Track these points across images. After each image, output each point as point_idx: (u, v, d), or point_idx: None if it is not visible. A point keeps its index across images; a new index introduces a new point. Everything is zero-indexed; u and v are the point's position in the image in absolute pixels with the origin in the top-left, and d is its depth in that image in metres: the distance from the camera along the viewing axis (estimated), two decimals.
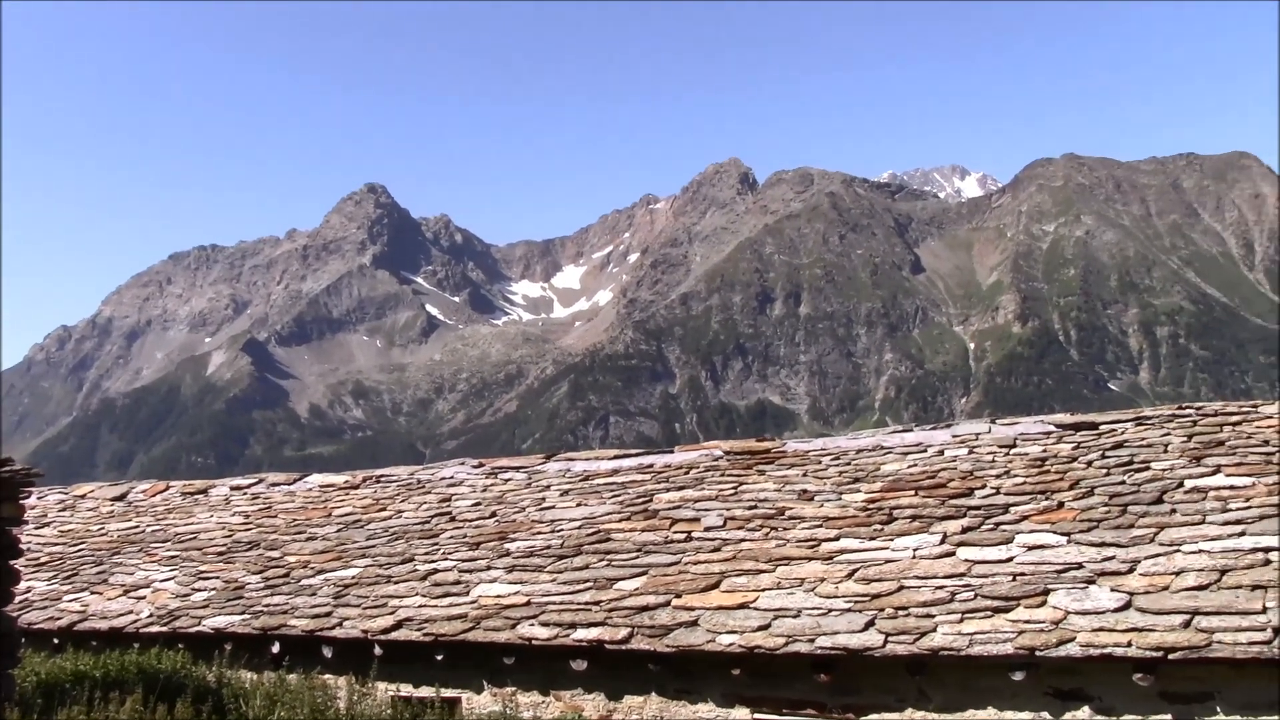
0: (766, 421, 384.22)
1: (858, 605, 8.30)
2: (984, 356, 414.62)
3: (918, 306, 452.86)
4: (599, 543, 10.53)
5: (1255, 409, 10.24)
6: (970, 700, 7.74)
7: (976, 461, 10.48)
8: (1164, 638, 7.04)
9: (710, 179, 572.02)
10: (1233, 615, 7.04)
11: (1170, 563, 7.83)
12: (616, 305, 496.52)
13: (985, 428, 11.34)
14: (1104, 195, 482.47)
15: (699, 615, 8.68)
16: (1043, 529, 8.79)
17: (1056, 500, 9.23)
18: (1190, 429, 10.06)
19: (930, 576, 8.47)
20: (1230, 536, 7.96)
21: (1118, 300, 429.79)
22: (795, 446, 12.13)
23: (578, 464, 13.30)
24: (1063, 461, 10.03)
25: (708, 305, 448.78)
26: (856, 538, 9.41)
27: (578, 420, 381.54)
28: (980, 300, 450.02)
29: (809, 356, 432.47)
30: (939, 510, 9.55)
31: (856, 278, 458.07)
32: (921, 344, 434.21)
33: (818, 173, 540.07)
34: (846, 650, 7.87)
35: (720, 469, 11.90)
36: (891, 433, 11.95)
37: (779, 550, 9.49)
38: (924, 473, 10.47)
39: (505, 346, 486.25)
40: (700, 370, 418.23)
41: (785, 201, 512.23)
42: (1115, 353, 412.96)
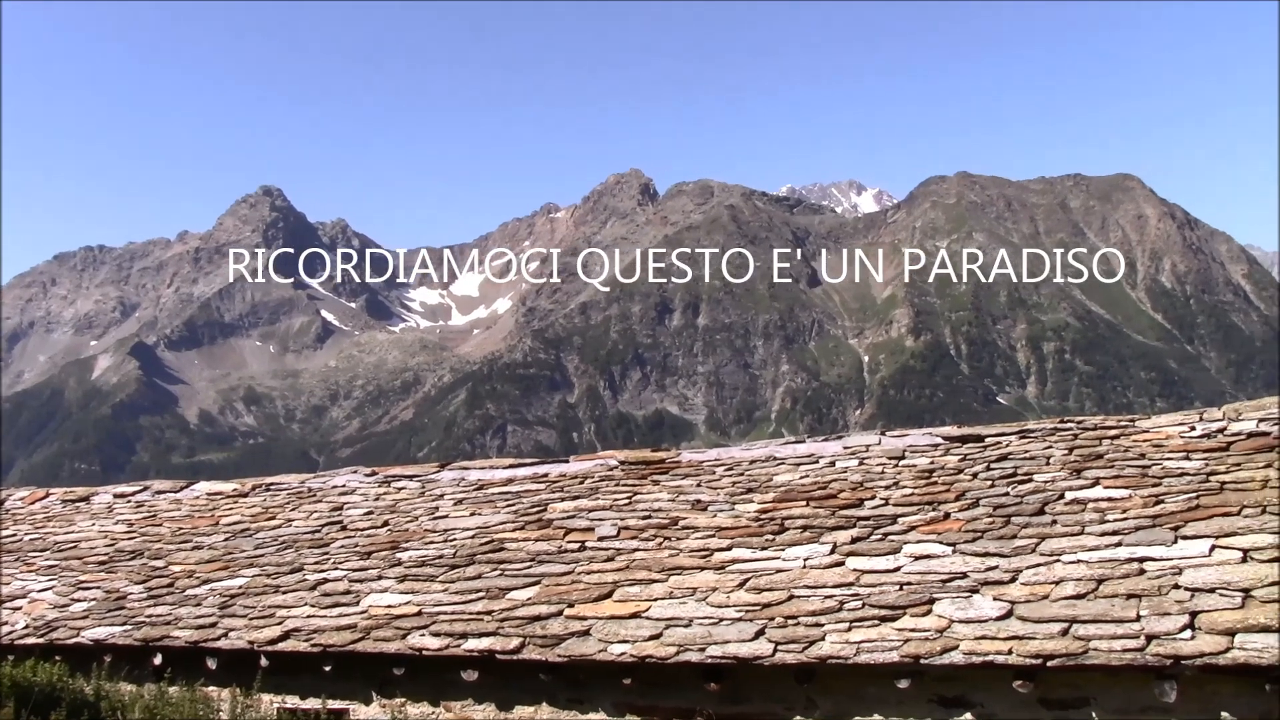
0: (664, 431, 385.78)
1: (748, 614, 8.36)
2: (878, 369, 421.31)
3: (814, 319, 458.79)
4: (492, 552, 10.47)
5: (1133, 423, 10.56)
6: (857, 708, 7.85)
7: (867, 473, 10.64)
8: (1043, 645, 7.21)
9: (611, 189, 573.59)
10: (1108, 623, 7.24)
11: (1050, 572, 8.03)
12: (515, 313, 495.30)
13: (875, 440, 11.52)
14: (995, 213, 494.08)
15: (591, 625, 8.68)
16: (929, 539, 8.95)
17: (943, 511, 9.41)
18: (1071, 442, 10.33)
19: (820, 586, 8.57)
20: (1107, 547, 8.19)
21: (1007, 316, 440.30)
22: (690, 457, 12.21)
23: (472, 473, 13.22)
24: (949, 473, 10.23)
25: (607, 315, 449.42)
26: (748, 548, 9.50)
27: (475, 429, 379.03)
28: (875, 314, 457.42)
29: (707, 367, 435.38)
30: (829, 521, 9.68)
31: (755, 290, 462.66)
32: (817, 356, 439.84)
33: (718, 185, 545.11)
34: (737, 659, 7.93)
35: (615, 479, 11.92)
36: (784, 444, 12.09)
37: (672, 560, 9.54)
38: (815, 483, 10.60)
39: (402, 354, 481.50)
40: (599, 380, 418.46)
41: (685, 213, 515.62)
42: (1004, 367, 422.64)
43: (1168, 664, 6.85)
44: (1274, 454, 9.02)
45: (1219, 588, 7.31)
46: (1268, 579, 7.26)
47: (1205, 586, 7.36)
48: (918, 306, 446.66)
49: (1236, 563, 7.57)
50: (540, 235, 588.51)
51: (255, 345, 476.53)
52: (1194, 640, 6.90)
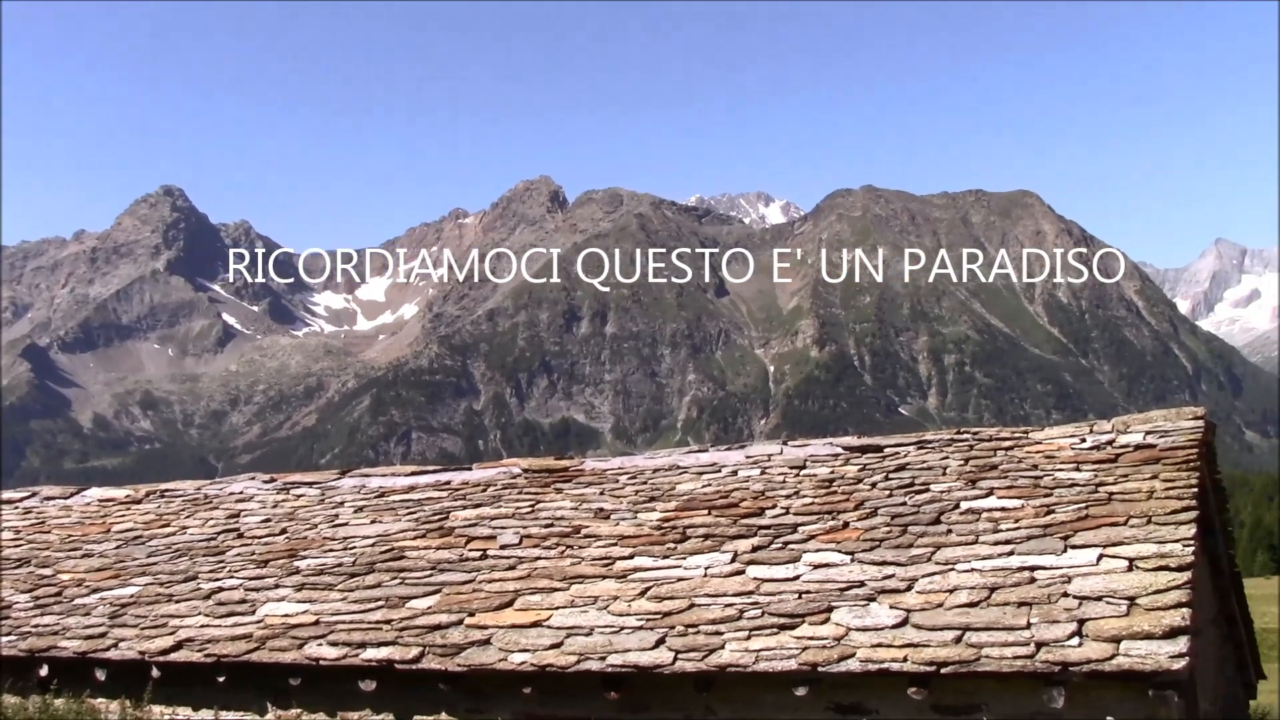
0: (570, 439, 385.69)
1: (649, 623, 8.39)
2: (783, 379, 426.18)
3: (721, 329, 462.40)
4: (392, 560, 10.37)
5: (1026, 435, 10.78)
6: (755, 715, 7.91)
7: (768, 482, 10.74)
8: (937, 653, 7.33)
9: (521, 195, 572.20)
10: (1000, 631, 7.38)
11: (945, 581, 8.17)
12: (422, 319, 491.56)
13: (777, 449, 11.63)
14: (899, 226, 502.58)
15: (492, 634, 8.63)
16: (828, 548, 9.06)
17: (842, 520, 9.53)
18: (967, 453, 10.52)
19: (720, 594, 8.62)
20: (1000, 556, 8.36)
21: (909, 328, 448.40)
22: (593, 465, 12.21)
23: (374, 480, 13.08)
24: (849, 483, 10.37)
25: (515, 322, 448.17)
26: (650, 556, 9.52)
27: (379, 435, 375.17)
28: (781, 324, 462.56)
29: (614, 376, 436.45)
30: (731, 529, 9.75)
31: (662, 299, 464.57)
32: (723, 366, 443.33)
33: (627, 194, 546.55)
34: (637, 668, 7.95)
35: (518, 487, 11.88)
36: (687, 453, 12.14)
37: (574, 568, 9.53)
38: (718, 492, 10.67)
39: (305, 358, 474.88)
40: (505, 387, 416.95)
41: (595, 221, 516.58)
42: (906, 378, 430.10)
43: (1056, 670, 7.01)
44: (1160, 465, 9.29)
45: (1106, 596, 7.50)
46: (1152, 587, 7.47)
47: (1093, 595, 7.55)
48: (823, 318, 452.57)
49: (1123, 571, 7.78)
50: (448, 241, 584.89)
51: (153, 348, 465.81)
52: (1081, 647, 7.07)
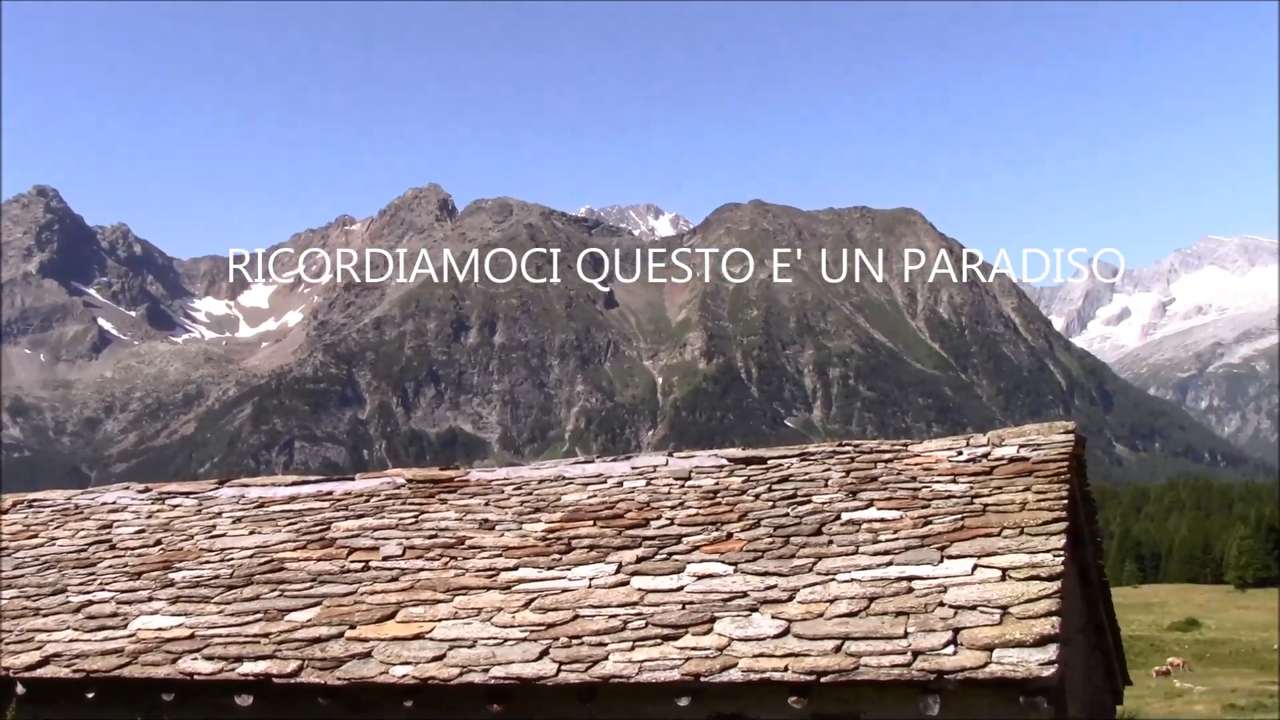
0: (458, 449, 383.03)
1: (533, 634, 8.36)
2: (671, 391, 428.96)
3: (610, 340, 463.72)
4: (271, 572, 10.17)
5: (905, 447, 10.99)
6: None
7: (654, 493, 10.77)
8: (817, 662, 7.43)
9: (409, 204, 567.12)
10: (878, 640, 7.52)
11: (826, 591, 8.29)
12: (306, 327, 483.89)
13: (663, 460, 11.68)
14: (786, 241, 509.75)
15: (373, 646, 8.52)
16: (712, 559, 9.12)
17: (726, 531, 9.61)
18: (848, 465, 10.69)
19: (605, 605, 8.63)
20: (879, 566, 8.51)
21: (795, 341, 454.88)
22: (478, 475, 12.12)
23: (253, 490, 12.81)
24: (733, 494, 10.46)
25: (402, 330, 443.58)
26: (535, 567, 9.49)
27: (261, 444, 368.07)
28: (669, 336, 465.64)
29: (502, 386, 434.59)
30: (616, 540, 9.76)
31: (552, 309, 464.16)
32: (612, 377, 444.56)
33: (517, 204, 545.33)
34: (520, 680, 7.91)
35: (402, 497, 11.75)
36: (573, 463, 12.13)
37: (458, 580, 9.45)
38: (603, 503, 10.68)
39: (185, 365, 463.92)
40: (391, 396, 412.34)
41: (484, 230, 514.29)
42: (792, 391, 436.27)
43: (932, 678, 7.16)
44: (1032, 478, 9.55)
45: (980, 605, 7.68)
46: (1024, 596, 7.68)
47: (967, 604, 7.73)
48: (711, 330, 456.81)
49: (996, 581, 7.98)
50: (335, 247, 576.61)
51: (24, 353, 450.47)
52: (956, 655, 7.24)
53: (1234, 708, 42.46)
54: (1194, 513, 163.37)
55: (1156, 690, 50.65)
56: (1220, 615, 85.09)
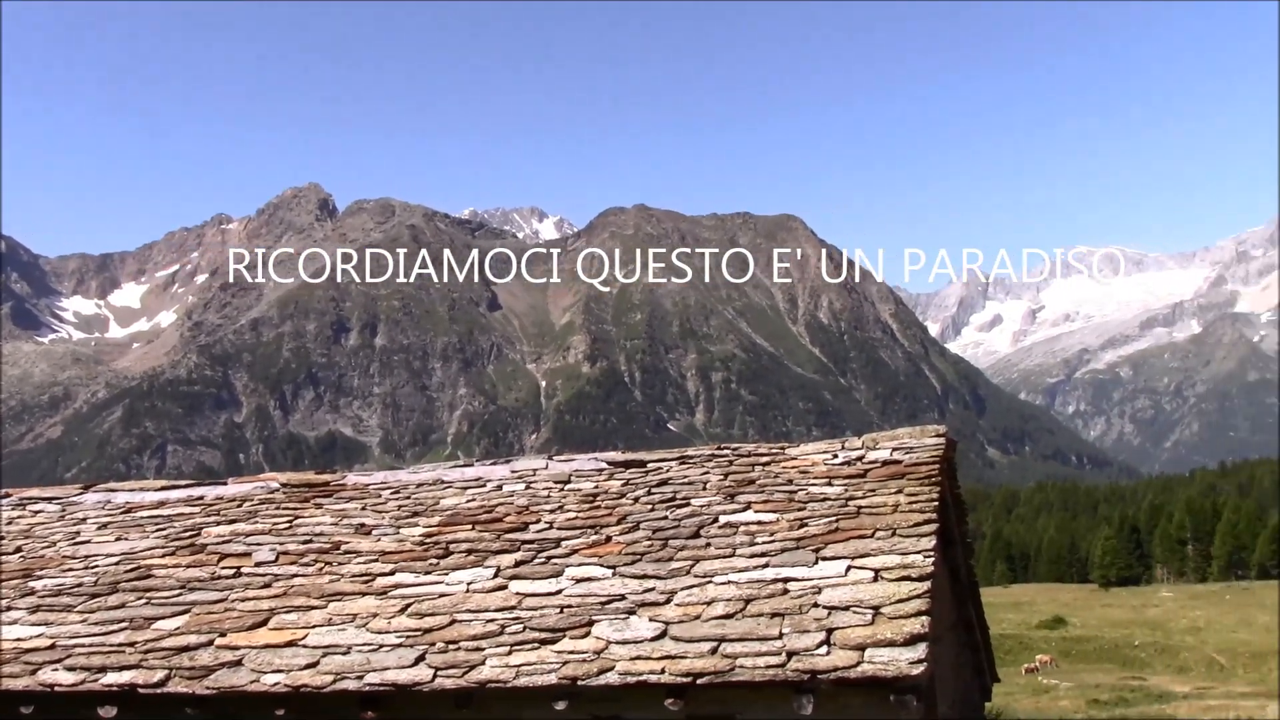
0: (337, 453, 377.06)
1: (409, 640, 8.27)
2: (554, 394, 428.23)
3: (493, 343, 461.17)
4: (138, 579, 9.88)
5: (783, 450, 11.13)
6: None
7: (533, 497, 10.74)
8: (694, 664, 7.48)
9: (288, 203, 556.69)
10: (754, 641, 7.60)
11: (703, 593, 8.35)
12: (180, 327, 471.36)
13: (543, 464, 11.65)
14: (670, 246, 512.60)
15: (244, 654, 8.33)
16: (591, 562, 9.13)
17: (605, 534, 9.62)
18: (727, 468, 10.79)
19: (482, 610, 8.58)
20: (756, 568, 8.60)
21: (679, 345, 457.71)
22: (355, 479, 11.95)
23: (120, 495, 12.43)
24: (612, 497, 10.47)
25: (280, 332, 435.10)
26: (412, 572, 9.39)
27: (131, 448, 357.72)
28: (553, 340, 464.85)
29: (383, 388, 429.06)
30: (494, 544, 9.71)
31: (434, 312, 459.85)
32: (495, 380, 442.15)
33: (399, 204, 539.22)
34: (395, 686, 7.82)
35: (276, 501, 11.52)
36: (452, 467, 12.04)
37: (332, 586, 9.30)
38: (482, 507, 10.61)
39: (51, 366, 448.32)
40: (269, 399, 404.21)
41: (365, 231, 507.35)
42: (675, 395, 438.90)
43: (806, 679, 7.27)
44: (904, 480, 9.75)
45: (853, 606, 7.81)
46: (895, 597, 7.83)
47: (841, 605, 7.86)
48: (595, 334, 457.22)
49: (869, 582, 8.12)
50: (210, 247, 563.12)
51: None
52: (829, 655, 7.35)
53: (1097, 703, 43.83)
54: (1061, 514, 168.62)
55: (1025, 687, 52.07)
56: (1085, 613, 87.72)
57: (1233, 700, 41.09)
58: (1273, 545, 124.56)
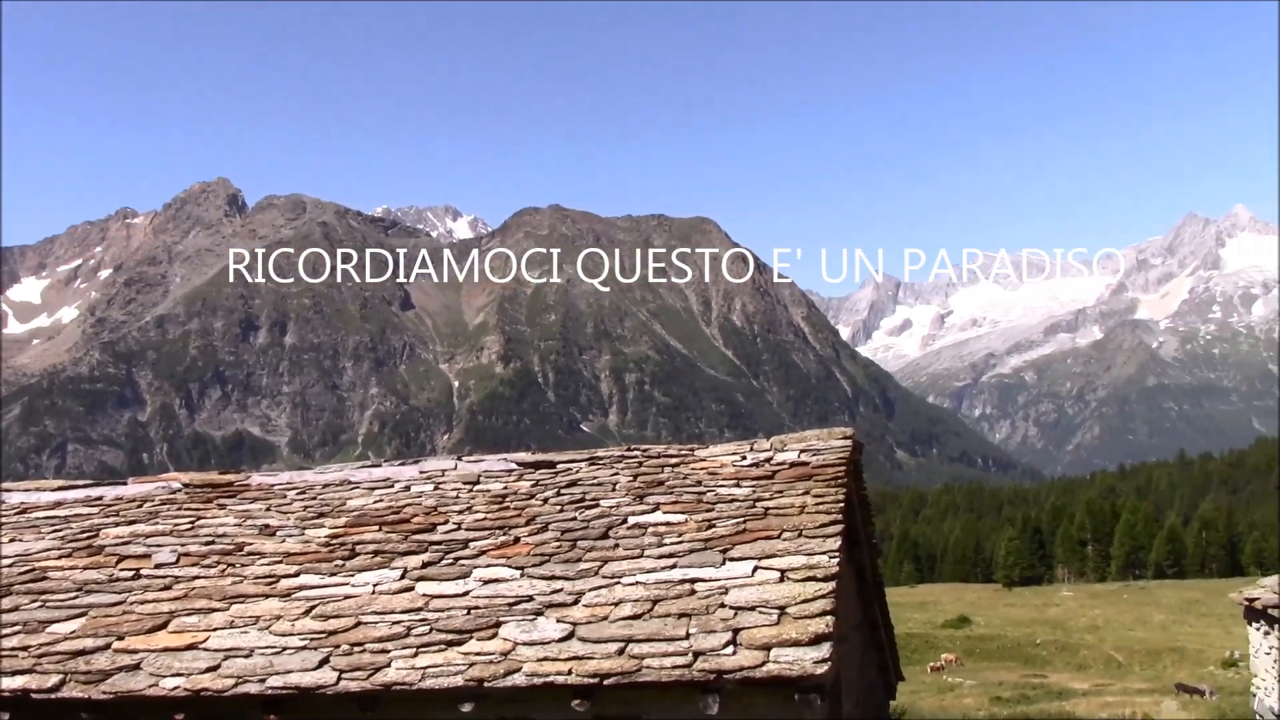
0: (244, 453, 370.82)
1: (313, 643, 8.17)
2: (467, 394, 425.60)
3: (406, 342, 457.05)
4: (32, 582, 9.63)
5: (692, 452, 11.19)
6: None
7: (441, 497, 10.68)
8: (601, 665, 7.50)
9: (196, 197, 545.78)
10: (661, 642, 7.63)
11: (611, 594, 8.36)
12: (82, 324, 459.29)
13: (452, 464, 11.58)
14: (585, 247, 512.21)
15: (142, 658, 8.17)
16: (499, 563, 9.10)
17: (513, 535, 9.59)
18: (636, 469, 10.82)
19: (388, 612, 8.51)
20: (664, 569, 8.64)
21: (593, 347, 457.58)
22: (260, 480, 11.77)
23: (14, 495, 12.10)
24: (521, 498, 10.45)
25: (186, 329, 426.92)
26: (317, 574, 9.28)
27: (30, 447, 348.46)
28: (466, 340, 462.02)
29: (292, 388, 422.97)
30: (401, 545, 9.63)
31: (346, 310, 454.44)
32: (407, 380, 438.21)
33: (311, 201, 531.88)
34: (298, 689, 7.72)
35: (178, 502, 11.30)
36: (360, 467, 11.92)
37: (235, 588, 9.16)
38: (389, 508, 10.52)
39: None
40: (174, 397, 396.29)
41: (276, 228, 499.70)
42: (588, 396, 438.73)
43: (712, 678, 7.32)
44: (811, 482, 9.85)
45: (759, 606, 7.88)
46: (800, 597, 7.92)
47: (747, 605, 7.92)
48: (508, 334, 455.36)
49: (775, 582, 8.20)
50: (115, 241, 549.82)
51: None
52: (735, 655, 7.41)
53: (1000, 700, 44.63)
54: (967, 515, 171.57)
55: (930, 685, 52.84)
56: (989, 613, 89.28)
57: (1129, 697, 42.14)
58: (1168, 546, 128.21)
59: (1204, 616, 77.08)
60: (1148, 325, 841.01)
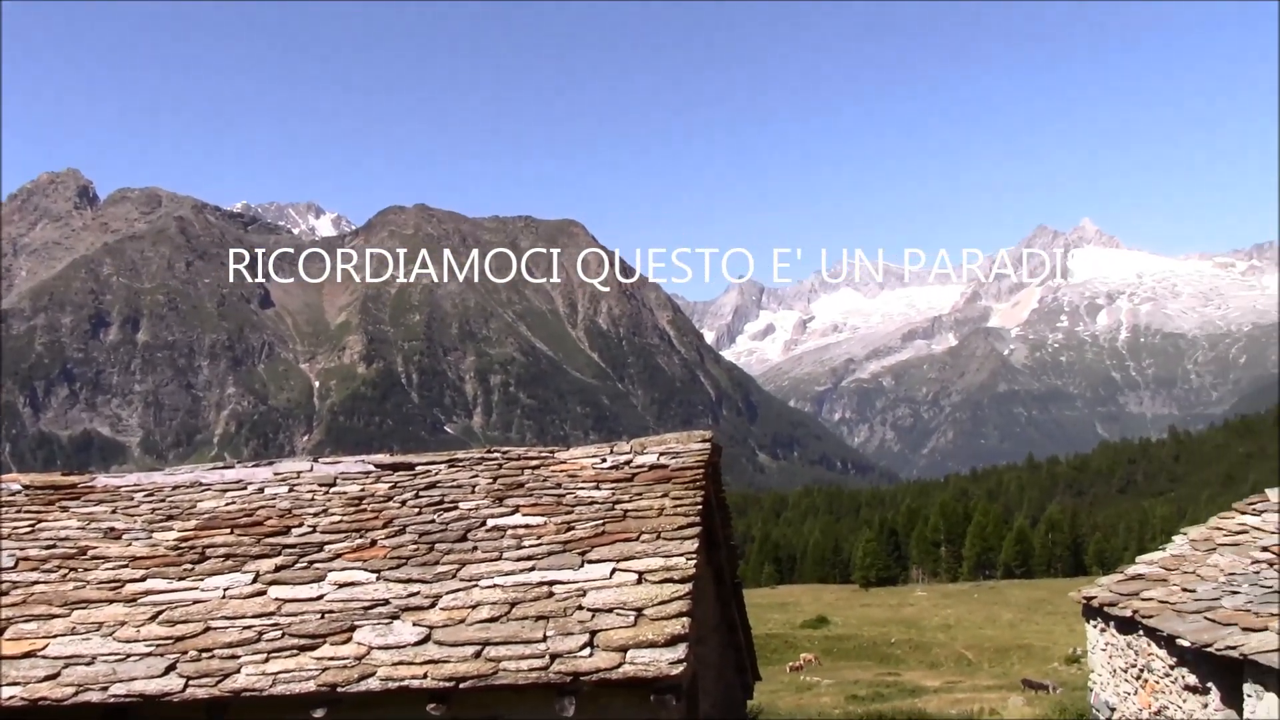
0: (93, 454, 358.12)
1: (160, 649, 7.96)
2: (329, 395, 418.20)
3: (265, 341, 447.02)
4: None
5: (552, 454, 11.19)
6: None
7: (296, 500, 10.48)
8: (457, 668, 7.46)
9: (44, 188, 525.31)
10: (518, 644, 7.63)
11: (469, 597, 8.32)
12: None
13: (307, 466, 11.38)
14: (451, 247, 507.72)
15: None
16: (355, 566, 8.97)
17: (370, 538, 9.47)
18: (496, 472, 10.78)
19: (239, 616, 8.33)
20: (522, 572, 8.63)
21: (457, 348, 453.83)
22: (105, 481, 11.39)
23: None
24: (379, 501, 10.32)
25: (31, 325, 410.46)
26: (165, 578, 9.03)
27: None
28: (328, 339, 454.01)
29: (145, 386, 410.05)
30: (254, 549, 9.43)
31: (202, 307, 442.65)
32: (266, 379, 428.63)
33: (167, 195, 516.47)
34: (143, 696, 7.51)
35: (18, 505, 10.87)
36: (212, 469, 11.62)
37: (77, 593, 8.85)
38: (242, 510, 10.29)
39: None
40: (18, 396, 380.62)
41: (129, 221, 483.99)
42: (453, 397, 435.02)
43: (568, 680, 7.35)
44: (670, 485, 9.94)
45: (616, 608, 7.93)
46: (657, 599, 7.99)
47: (605, 607, 7.96)
48: (371, 334, 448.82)
49: (633, 584, 8.26)
50: None
51: None
52: (592, 657, 7.45)
53: (855, 698, 45.52)
54: (826, 517, 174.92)
55: (789, 685, 53.65)
56: (847, 612, 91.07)
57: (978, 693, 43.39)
58: (1017, 546, 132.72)
59: (1050, 615, 79.83)
60: (1000, 333, 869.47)
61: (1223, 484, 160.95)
